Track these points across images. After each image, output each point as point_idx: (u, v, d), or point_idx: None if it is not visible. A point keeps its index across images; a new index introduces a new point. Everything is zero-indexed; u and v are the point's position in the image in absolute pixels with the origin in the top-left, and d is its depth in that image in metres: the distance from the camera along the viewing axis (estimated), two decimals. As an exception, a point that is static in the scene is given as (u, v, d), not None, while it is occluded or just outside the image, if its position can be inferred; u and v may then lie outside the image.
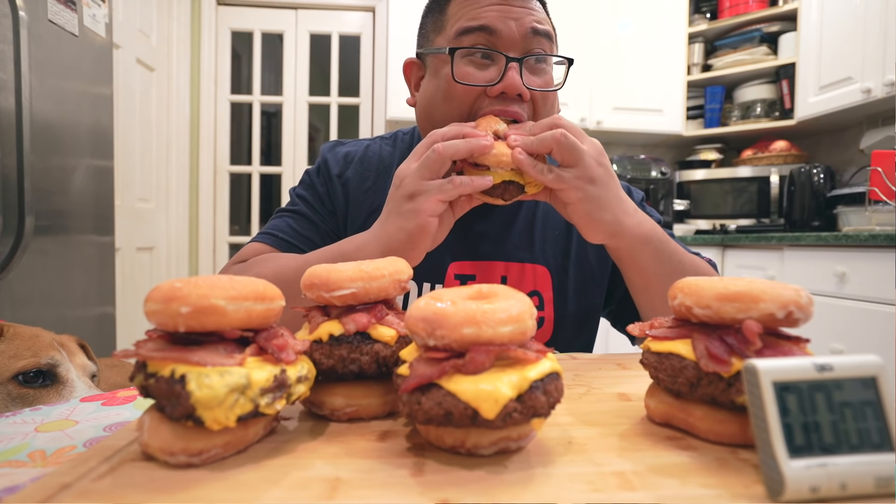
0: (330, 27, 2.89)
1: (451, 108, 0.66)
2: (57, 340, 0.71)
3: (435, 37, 0.70)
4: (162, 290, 0.31)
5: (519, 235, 0.77)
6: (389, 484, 0.28)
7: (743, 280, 0.34)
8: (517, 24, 0.63)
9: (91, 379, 0.72)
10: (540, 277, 0.77)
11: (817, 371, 0.28)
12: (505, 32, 0.63)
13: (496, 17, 0.63)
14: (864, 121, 2.38)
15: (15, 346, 0.65)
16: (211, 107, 2.82)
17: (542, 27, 0.65)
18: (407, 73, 0.77)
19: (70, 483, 0.28)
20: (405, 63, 0.76)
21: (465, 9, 0.65)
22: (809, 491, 0.26)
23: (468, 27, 0.64)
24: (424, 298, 0.33)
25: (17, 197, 1.20)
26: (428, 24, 0.73)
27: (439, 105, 0.68)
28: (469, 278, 0.75)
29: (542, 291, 0.76)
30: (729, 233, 2.53)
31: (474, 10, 0.64)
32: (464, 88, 0.65)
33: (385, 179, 0.78)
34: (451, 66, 0.64)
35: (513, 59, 0.63)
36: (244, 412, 0.30)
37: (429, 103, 0.71)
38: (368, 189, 0.78)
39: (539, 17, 0.66)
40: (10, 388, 0.62)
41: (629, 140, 2.99)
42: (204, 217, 2.82)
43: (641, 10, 2.70)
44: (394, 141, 0.84)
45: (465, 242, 0.75)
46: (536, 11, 0.66)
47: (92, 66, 1.53)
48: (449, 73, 0.65)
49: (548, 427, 0.37)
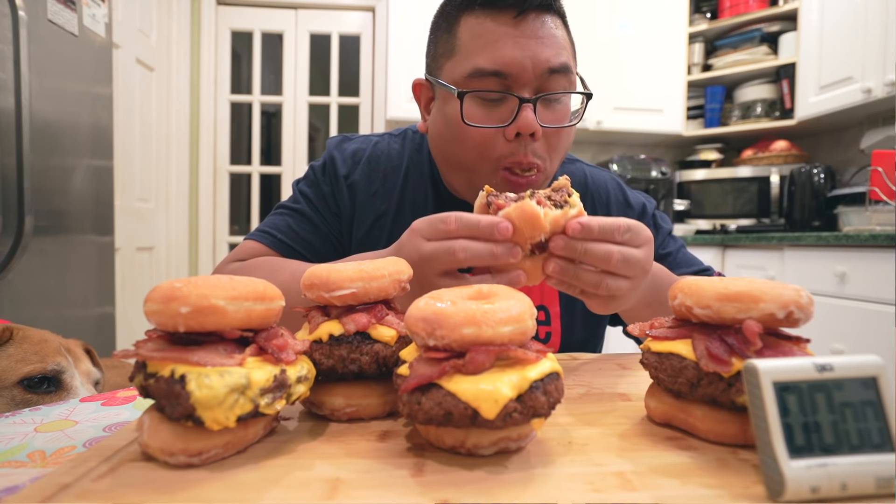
0: (330, 27, 2.89)
1: (465, 149, 0.64)
2: (64, 345, 0.71)
3: (444, 62, 0.65)
4: (162, 290, 0.31)
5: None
6: (389, 484, 0.28)
7: (743, 280, 0.34)
8: (533, 62, 0.59)
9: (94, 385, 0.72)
10: (547, 293, 0.75)
11: (817, 371, 0.28)
12: (519, 75, 0.60)
13: (511, 58, 0.59)
14: (864, 121, 2.38)
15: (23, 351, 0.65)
16: (211, 107, 2.82)
17: (558, 63, 0.60)
18: (417, 94, 0.73)
19: (70, 483, 0.28)
20: (414, 84, 0.73)
21: (479, 39, 0.61)
22: (810, 491, 0.26)
23: (481, 69, 0.60)
24: (424, 298, 0.33)
25: (17, 197, 1.20)
26: (436, 43, 0.68)
27: (450, 144, 0.66)
28: None
29: (548, 306, 0.75)
30: (729, 233, 2.53)
31: (488, 44, 0.60)
32: (476, 130, 0.61)
33: (393, 180, 0.76)
34: (461, 107, 0.61)
35: (526, 101, 0.59)
36: (244, 412, 0.30)
37: (440, 141, 0.68)
38: (376, 192, 0.76)
39: (556, 50, 0.61)
40: (15, 393, 0.62)
41: (629, 140, 2.99)
42: (204, 217, 2.82)
43: (641, 10, 2.70)
44: (403, 139, 0.81)
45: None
46: (555, 40, 0.61)
47: (92, 65, 1.53)
48: (458, 112, 0.61)
49: (548, 427, 0.37)
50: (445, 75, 0.65)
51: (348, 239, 0.77)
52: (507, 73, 0.60)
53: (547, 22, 0.61)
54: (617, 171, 2.60)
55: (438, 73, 0.67)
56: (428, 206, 0.75)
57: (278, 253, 0.73)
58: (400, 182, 0.76)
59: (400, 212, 0.75)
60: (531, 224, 0.44)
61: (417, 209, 0.75)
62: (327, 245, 0.76)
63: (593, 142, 3.03)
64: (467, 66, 0.61)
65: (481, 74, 0.60)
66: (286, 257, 0.72)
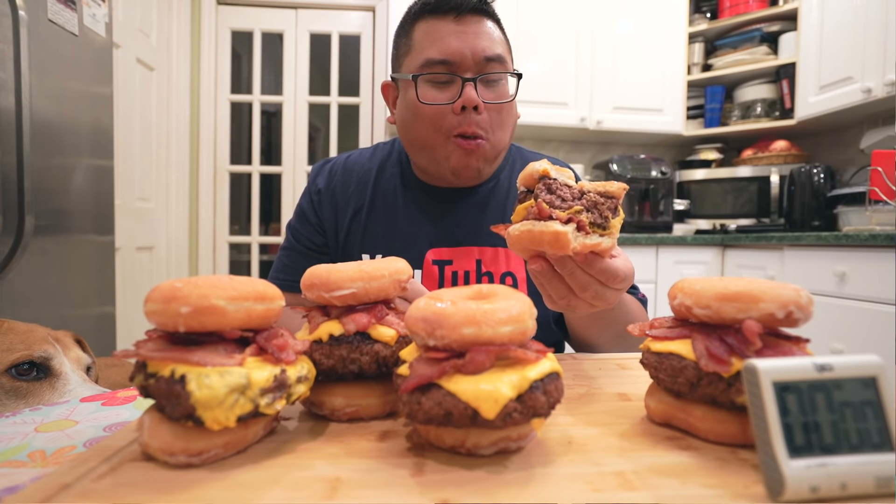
0: (330, 27, 2.89)
1: (423, 125, 0.76)
2: (52, 335, 0.71)
3: (403, 60, 0.79)
4: (162, 291, 0.31)
5: (492, 222, 0.83)
6: (389, 484, 0.28)
7: (743, 280, 0.34)
8: (472, 51, 0.73)
9: (87, 372, 0.72)
10: (513, 260, 0.83)
11: (817, 371, 0.28)
12: (461, 62, 0.73)
13: (454, 48, 0.73)
14: (864, 120, 2.38)
15: (9, 341, 0.65)
16: (211, 106, 2.81)
17: (493, 53, 0.74)
18: (385, 94, 0.86)
19: (70, 483, 0.28)
20: (382, 85, 0.85)
21: (428, 37, 0.75)
22: (809, 491, 0.26)
23: (431, 59, 0.73)
24: (424, 298, 0.33)
25: (17, 196, 1.20)
26: (397, 47, 0.81)
27: (411, 125, 0.78)
28: (446, 263, 0.82)
29: (515, 272, 0.83)
30: (729, 233, 2.53)
31: (436, 40, 0.74)
32: (430, 108, 0.74)
33: (365, 180, 0.88)
34: (415, 89, 0.74)
35: (468, 80, 0.73)
36: (244, 412, 0.30)
37: (403, 125, 0.80)
38: (352, 193, 0.87)
39: (491, 43, 0.74)
40: (4, 381, 0.63)
41: (629, 140, 2.98)
42: (204, 217, 2.82)
43: (641, 10, 2.70)
44: (374, 149, 0.93)
45: (441, 231, 0.83)
46: (489, 36, 0.75)
47: (92, 65, 1.53)
48: (415, 96, 0.74)
49: (548, 427, 0.37)
50: (404, 70, 0.78)
51: (335, 236, 0.87)
52: (452, 61, 0.73)
53: (483, 22, 0.75)
54: (617, 170, 2.60)
55: (399, 69, 0.80)
56: (398, 196, 0.86)
57: (287, 292, 0.82)
58: (372, 180, 0.88)
59: (373, 205, 0.86)
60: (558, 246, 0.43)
61: (388, 200, 0.86)
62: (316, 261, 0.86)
63: (593, 142, 3.03)
64: (420, 58, 0.75)
65: (431, 63, 0.74)
66: (293, 293, 0.82)
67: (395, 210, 0.84)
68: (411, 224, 0.83)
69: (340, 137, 2.95)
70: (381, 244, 0.83)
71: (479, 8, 0.75)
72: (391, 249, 0.82)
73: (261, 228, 2.97)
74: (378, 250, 0.83)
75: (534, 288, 0.83)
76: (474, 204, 0.84)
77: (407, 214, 0.84)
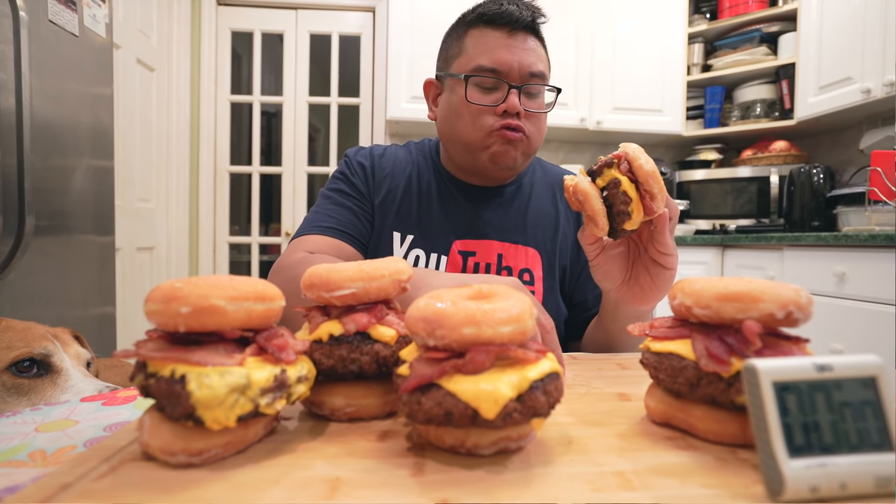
0: (330, 27, 2.89)
1: (465, 122, 0.82)
2: (50, 332, 0.71)
3: (454, 61, 0.85)
4: (162, 290, 0.31)
5: (514, 221, 0.90)
6: (389, 484, 0.28)
7: (743, 280, 0.34)
8: (519, 64, 0.79)
9: (87, 367, 0.72)
10: (531, 258, 0.88)
11: (817, 371, 0.28)
12: (508, 72, 0.80)
13: (504, 59, 0.79)
14: (863, 121, 2.38)
15: (8, 338, 0.65)
16: (211, 107, 2.82)
17: (537, 70, 0.81)
18: (426, 91, 0.92)
19: (70, 483, 0.28)
20: (425, 82, 0.92)
21: (480, 45, 0.81)
22: (809, 491, 0.26)
23: (482, 66, 0.80)
24: (424, 298, 0.33)
25: (18, 197, 1.20)
26: (447, 48, 0.87)
27: (454, 121, 0.84)
28: (470, 254, 0.87)
29: (532, 269, 0.88)
30: (729, 233, 2.53)
31: (488, 49, 0.80)
32: (475, 106, 0.81)
33: (401, 170, 0.92)
34: (465, 89, 0.81)
35: (513, 87, 0.79)
36: (244, 412, 0.30)
37: (445, 122, 0.86)
38: (387, 174, 0.92)
39: (536, 59, 0.81)
40: (5, 379, 0.63)
41: (629, 140, 2.97)
42: (204, 217, 2.82)
43: (641, 10, 2.70)
44: (407, 147, 0.98)
45: (468, 224, 0.89)
46: (536, 53, 0.81)
47: (92, 66, 1.53)
48: (463, 94, 0.81)
49: (548, 427, 0.37)
50: (454, 70, 0.84)
51: (370, 206, 0.90)
52: (500, 70, 0.80)
53: (531, 39, 0.82)
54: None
55: (448, 69, 0.86)
56: (432, 186, 0.91)
57: (334, 238, 0.84)
58: (409, 168, 0.93)
59: (408, 188, 0.90)
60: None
61: (423, 188, 0.91)
62: (365, 224, 0.89)
63: (593, 142, 3.03)
64: (472, 63, 0.81)
65: (481, 70, 0.80)
66: (340, 241, 0.85)
67: (429, 198, 0.90)
68: (442, 213, 0.89)
69: (340, 138, 2.95)
70: (413, 227, 0.88)
71: (530, 27, 0.82)
72: (423, 234, 0.88)
73: (261, 229, 2.97)
74: (410, 231, 0.88)
75: (549, 285, 0.86)
76: (499, 203, 0.91)
77: (440, 203, 0.89)
